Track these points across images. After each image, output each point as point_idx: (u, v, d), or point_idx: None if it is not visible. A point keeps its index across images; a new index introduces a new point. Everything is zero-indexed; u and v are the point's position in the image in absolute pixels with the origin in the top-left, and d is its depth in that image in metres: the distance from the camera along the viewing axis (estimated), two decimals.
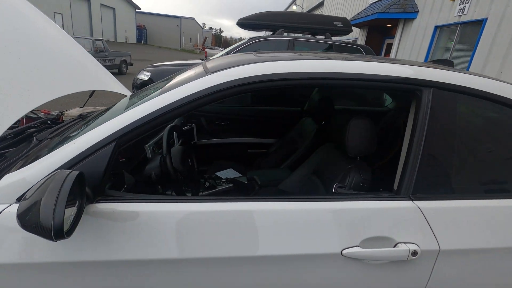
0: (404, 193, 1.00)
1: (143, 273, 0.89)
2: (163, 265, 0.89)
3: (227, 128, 2.61)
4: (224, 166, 2.37)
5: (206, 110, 2.56)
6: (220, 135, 2.60)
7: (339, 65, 1.02)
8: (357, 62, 1.05)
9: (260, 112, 2.68)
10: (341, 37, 5.94)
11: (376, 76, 1.02)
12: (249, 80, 0.96)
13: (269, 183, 1.81)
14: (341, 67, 1.02)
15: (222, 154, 2.53)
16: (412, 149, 1.02)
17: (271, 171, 1.99)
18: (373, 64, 1.06)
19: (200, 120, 2.53)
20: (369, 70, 1.02)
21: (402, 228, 0.96)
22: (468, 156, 1.05)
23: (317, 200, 0.97)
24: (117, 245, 0.87)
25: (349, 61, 1.05)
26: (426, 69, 1.08)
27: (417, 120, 1.04)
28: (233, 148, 2.62)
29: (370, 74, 1.02)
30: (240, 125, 2.62)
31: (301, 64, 1.02)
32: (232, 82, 0.96)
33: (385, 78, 1.02)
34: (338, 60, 1.06)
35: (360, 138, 1.21)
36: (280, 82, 0.98)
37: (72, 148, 0.87)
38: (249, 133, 2.63)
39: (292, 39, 4.83)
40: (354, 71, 1.01)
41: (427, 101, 1.03)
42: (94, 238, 0.87)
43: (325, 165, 1.49)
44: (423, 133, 1.01)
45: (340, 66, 1.02)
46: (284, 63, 1.02)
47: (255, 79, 0.96)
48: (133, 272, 0.89)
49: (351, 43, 5.25)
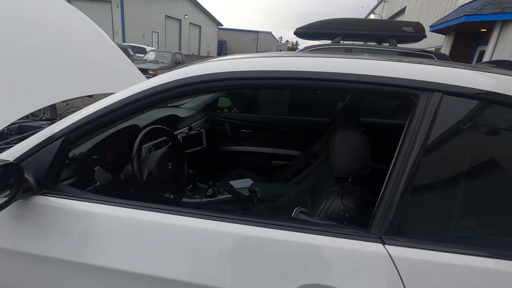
0: (375, 232, 0.74)
1: (62, 273, 0.87)
2: (83, 269, 0.85)
3: (252, 137, 2.52)
4: (243, 175, 2.28)
5: (231, 117, 2.52)
6: (244, 143, 2.52)
7: (294, 63, 0.84)
8: (330, 59, 0.85)
9: (288, 122, 2.51)
10: (412, 44, 5.26)
11: (349, 75, 0.80)
12: (190, 80, 0.86)
13: (268, 197, 1.64)
14: (300, 65, 0.83)
15: (244, 163, 2.45)
16: (393, 176, 0.75)
17: (276, 185, 1.82)
18: (349, 61, 0.84)
19: (224, 126, 2.50)
20: (343, 68, 0.81)
21: (358, 279, 0.71)
22: (473, 194, 0.73)
23: (260, 225, 0.79)
24: (46, 239, 0.87)
25: (319, 58, 0.86)
26: (428, 68, 0.80)
27: (406, 136, 0.77)
28: (256, 158, 2.52)
29: (343, 74, 0.80)
30: (265, 134, 2.50)
31: (261, 62, 0.87)
32: (174, 83, 0.87)
33: (364, 77, 0.79)
34: (298, 57, 0.87)
35: (347, 155, 0.98)
36: (225, 82, 0.85)
37: (25, 144, 0.92)
38: (274, 143, 2.48)
39: (349, 46, 4.47)
40: (320, 69, 0.82)
41: (423, 110, 0.76)
42: (28, 228, 0.88)
43: (319, 184, 1.26)
44: (412, 155, 0.74)
45: (299, 64, 0.83)
46: (249, 61, 0.89)
47: (197, 79, 0.86)
48: (55, 270, 0.87)
49: (422, 50, 4.58)
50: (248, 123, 2.51)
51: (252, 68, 0.84)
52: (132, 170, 1.16)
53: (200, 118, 2.31)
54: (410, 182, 0.73)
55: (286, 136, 2.45)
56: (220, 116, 2.52)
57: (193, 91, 0.89)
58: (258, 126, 2.50)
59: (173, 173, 1.37)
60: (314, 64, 0.83)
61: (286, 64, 0.84)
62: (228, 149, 2.50)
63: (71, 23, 1.79)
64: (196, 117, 2.27)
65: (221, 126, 2.52)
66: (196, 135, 1.87)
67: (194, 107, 2.44)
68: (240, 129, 2.51)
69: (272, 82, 0.84)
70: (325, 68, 0.81)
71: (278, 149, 2.47)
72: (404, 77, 0.79)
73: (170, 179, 1.35)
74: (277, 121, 2.50)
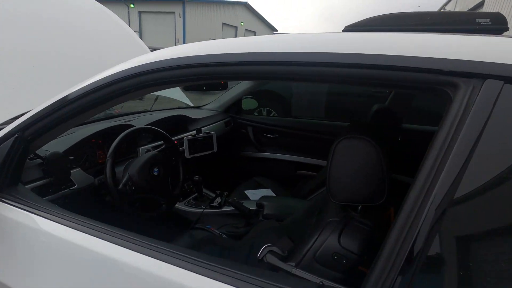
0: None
1: None
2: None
3: (276, 142, 2.27)
4: (263, 184, 2.05)
5: (254, 120, 2.31)
6: (266, 149, 2.28)
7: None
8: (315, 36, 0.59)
9: (318, 126, 2.19)
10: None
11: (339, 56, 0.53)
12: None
13: (275, 215, 1.38)
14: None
15: (265, 171, 2.21)
16: (401, 216, 0.46)
17: (287, 201, 1.54)
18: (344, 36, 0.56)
19: (247, 129, 2.30)
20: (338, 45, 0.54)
21: None
22: None
23: (198, 269, 0.56)
24: None
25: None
26: (475, 40, 0.49)
27: (431, 152, 0.47)
28: (279, 166, 2.26)
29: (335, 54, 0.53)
30: (291, 140, 2.22)
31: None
32: (126, 72, 0.71)
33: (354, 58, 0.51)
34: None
35: (351, 174, 0.70)
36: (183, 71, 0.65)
37: None
38: (301, 151, 2.19)
39: None
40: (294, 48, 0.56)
41: (464, 107, 0.45)
42: None
43: (323, 208, 0.97)
44: (442, 180, 0.44)
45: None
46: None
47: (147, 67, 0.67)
48: None
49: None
50: (272, 127, 2.26)
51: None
52: (104, 175, 1.02)
53: (219, 120, 2.14)
54: (441, 223, 0.43)
55: (315, 143, 2.14)
56: (243, 119, 2.32)
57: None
58: (284, 131, 2.23)
59: (160, 180, 1.21)
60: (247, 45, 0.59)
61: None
62: (249, 155, 2.28)
63: (103, 27, 1.79)
64: (214, 119, 2.11)
65: (244, 129, 2.32)
66: (204, 139, 1.69)
67: (215, 108, 2.29)
68: (264, 133, 2.28)
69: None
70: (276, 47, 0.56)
71: (305, 158, 2.17)
72: (429, 55, 0.48)
73: (154, 187, 1.19)
74: (305, 126, 2.21)
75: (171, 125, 1.68)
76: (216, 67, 0.61)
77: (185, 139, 1.61)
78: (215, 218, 1.58)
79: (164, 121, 1.63)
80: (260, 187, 2.05)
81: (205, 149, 1.70)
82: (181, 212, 1.57)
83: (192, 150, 1.64)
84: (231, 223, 1.55)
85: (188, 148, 1.62)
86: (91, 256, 0.64)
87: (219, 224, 1.50)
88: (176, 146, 1.40)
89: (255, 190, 1.99)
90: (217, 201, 1.64)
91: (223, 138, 2.09)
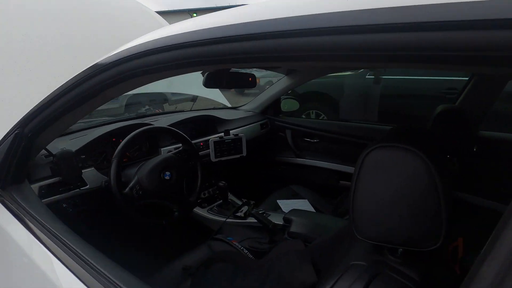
0: None
1: None
2: None
3: (317, 148, 2.02)
4: (300, 194, 1.84)
5: (293, 122, 2.10)
6: (306, 155, 2.05)
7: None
8: None
9: (367, 131, 1.89)
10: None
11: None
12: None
13: (302, 235, 1.17)
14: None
15: (303, 179, 1.99)
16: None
17: (320, 218, 1.31)
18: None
19: (285, 132, 2.10)
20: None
21: None
22: None
23: None
24: None
25: None
26: None
27: None
28: (320, 174, 2.01)
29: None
30: (334, 146, 1.96)
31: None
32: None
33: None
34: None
35: (384, 201, 0.48)
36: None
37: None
38: (345, 159, 1.91)
39: None
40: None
41: None
42: None
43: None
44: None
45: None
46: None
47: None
48: None
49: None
50: (314, 131, 2.02)
51: None
52: (108, 177, 0.95)
53: (254, 121, 1.99)
54: None
55: (362, 150, 1.83)
56: (282, 121, 2.13)
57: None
58: (326, 135, 1.97)
59: (171, 185, 1.10)
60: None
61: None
62: (285, 160, 2.08)
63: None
64: (248, 120, 1.96)
65: (282, 132, 2.13)
66: (233, 141, 1.56)
67: (252, 109, 2.15)
68: (304, 137, 2.05)
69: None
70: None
71: (350, 167, 1.88)
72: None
73: (164, 192, 1.09)
74: (351, 130, 1.92)
75: (198, 126, 1.59)
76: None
77: (211, 141, 1.50)
78: (239, 229, 1.43)
79: (189, 121, 1.54)
80: (296, 197, 1.84)
81: (233, 152, 1.56)
82: (202, 219, 1.46)
83: (219, 153, 1.52)
84: (255, 236, 1.38)
85: (214, 151, 1.50)
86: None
87: (243, 237, 1.35)
88: (194, 148, 1.29)
89: (290, 200, 1.78)
90: (242, 210, 1.49)
91: (256, 141, 1.93)
